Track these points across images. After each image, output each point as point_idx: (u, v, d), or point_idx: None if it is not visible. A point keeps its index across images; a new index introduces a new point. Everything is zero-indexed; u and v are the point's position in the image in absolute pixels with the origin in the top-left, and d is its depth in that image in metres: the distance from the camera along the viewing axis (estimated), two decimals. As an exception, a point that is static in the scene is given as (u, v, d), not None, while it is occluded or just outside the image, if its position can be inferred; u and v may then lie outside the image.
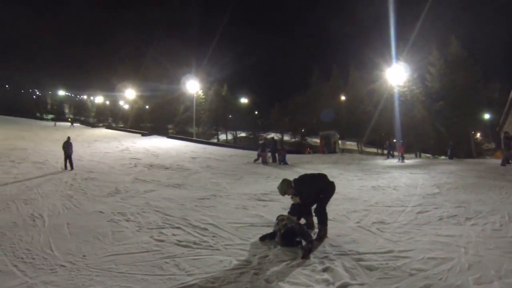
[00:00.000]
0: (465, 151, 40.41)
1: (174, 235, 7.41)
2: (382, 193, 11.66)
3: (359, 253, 5.96)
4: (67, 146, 17.84)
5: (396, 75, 37.23)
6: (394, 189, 12.40)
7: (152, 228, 7.92)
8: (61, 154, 19.55)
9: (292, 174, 15.96)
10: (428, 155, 44.55)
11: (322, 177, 7.17)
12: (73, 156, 17.91)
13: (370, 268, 5.36)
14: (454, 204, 9.52)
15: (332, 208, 7.08)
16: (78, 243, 7.05)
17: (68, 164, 17.43)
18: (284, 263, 5.71)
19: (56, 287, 5.25)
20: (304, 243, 6.10)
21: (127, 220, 8.61)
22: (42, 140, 30.10)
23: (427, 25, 40.67)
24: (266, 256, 6.01)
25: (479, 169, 17.62)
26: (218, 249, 6.50)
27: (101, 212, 9.50)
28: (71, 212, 9.59)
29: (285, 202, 7.76)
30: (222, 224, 8.08)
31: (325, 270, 5.37)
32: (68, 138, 18.73)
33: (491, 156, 37.46)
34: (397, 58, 38.92)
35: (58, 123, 57.46)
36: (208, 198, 11.20)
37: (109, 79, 70.17)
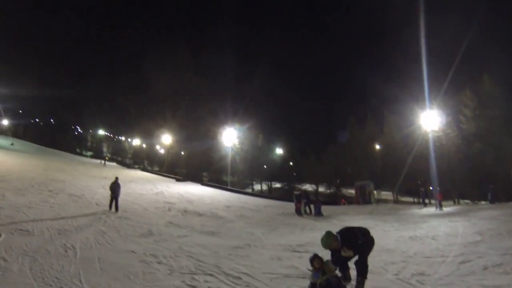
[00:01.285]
0: (506, 194, 38.48)
1: (206, 281, 7.18)
2: (420, 243, 11.05)
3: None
4: (115, 187, 16.80)
5: (431, 120, 36.52)
6: (433, 238, 11.72)
7: (184, 273, 7.70)
8: (97, 190, 19.87)
9: (327, 226, 15.68)
10: (467, 201, 42.81)
11: (365, 231, 6.90)
12: (107, 193, 17.70)
13: (412, 324, 5.01)
14: (498, 251, 8.91)
15: (369, 260, 6.72)
16: (108, 279, 6.94)
17: (113, 206, 16.32)
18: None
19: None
20: None
21: (159, 263, 8.44)
22: (80, 175, 30.70)
23: (461, 68, 39.82)
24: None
25: (523, 213, 16.75)
26: (252, 300, 6.20)
27: (133, 251, 9.39)
28: (103, 248, 9.53)
29: (320, 254, 7.51)
30: (256, 274, 7.79)
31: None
32: (116, 178, 17.69)
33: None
34: (431, 103, 38.18)
35: (109, 163, 59.04)
36: (242, 247, 10.92)
37: (147, 124, 72.45)
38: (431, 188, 37.02)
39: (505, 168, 39.17)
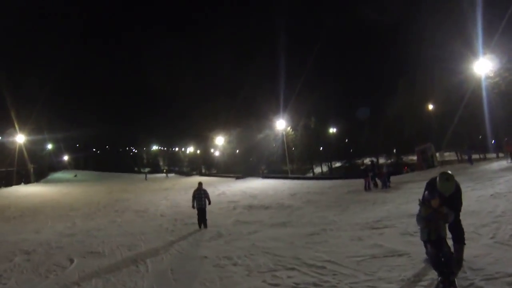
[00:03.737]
0: None
1: (289, 277, 6.60)
2: (505, 201, 10.03)
3: (509, 276, 4.80)
4: (200, 195, 13.79)
5: (485, 67, 34.07)
6: (517, 194, 10.66)
7: (263, 272, 7.14)
8: (160, 202, 20.15)
9: (398, 196, 15.05)
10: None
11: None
12: (170, 204, 17.52)
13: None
14: None
15: (455, 225, 5.97)
16: (184, 290, 6.60)
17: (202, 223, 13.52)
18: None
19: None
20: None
21: (234, 264, 7.95)
22: (142, 191, 31.80)
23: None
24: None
25: None
26: (342, 289, 5.62)
27: (205, 257, 8.93)
28: (174, 258, 9.26)
29: (401, 227, 6.78)
30: (340, 259, 7.15)
31: (475, 301, 4.33)
32: (200, 184, 14.36)
33: None
34: (484, 50, 35.48)
35: (170, 175, 60.62)
36: (317, 233, 10.25)
37: (199, 130, 74.96)
38: (493, 142, 35.16)
39: None
